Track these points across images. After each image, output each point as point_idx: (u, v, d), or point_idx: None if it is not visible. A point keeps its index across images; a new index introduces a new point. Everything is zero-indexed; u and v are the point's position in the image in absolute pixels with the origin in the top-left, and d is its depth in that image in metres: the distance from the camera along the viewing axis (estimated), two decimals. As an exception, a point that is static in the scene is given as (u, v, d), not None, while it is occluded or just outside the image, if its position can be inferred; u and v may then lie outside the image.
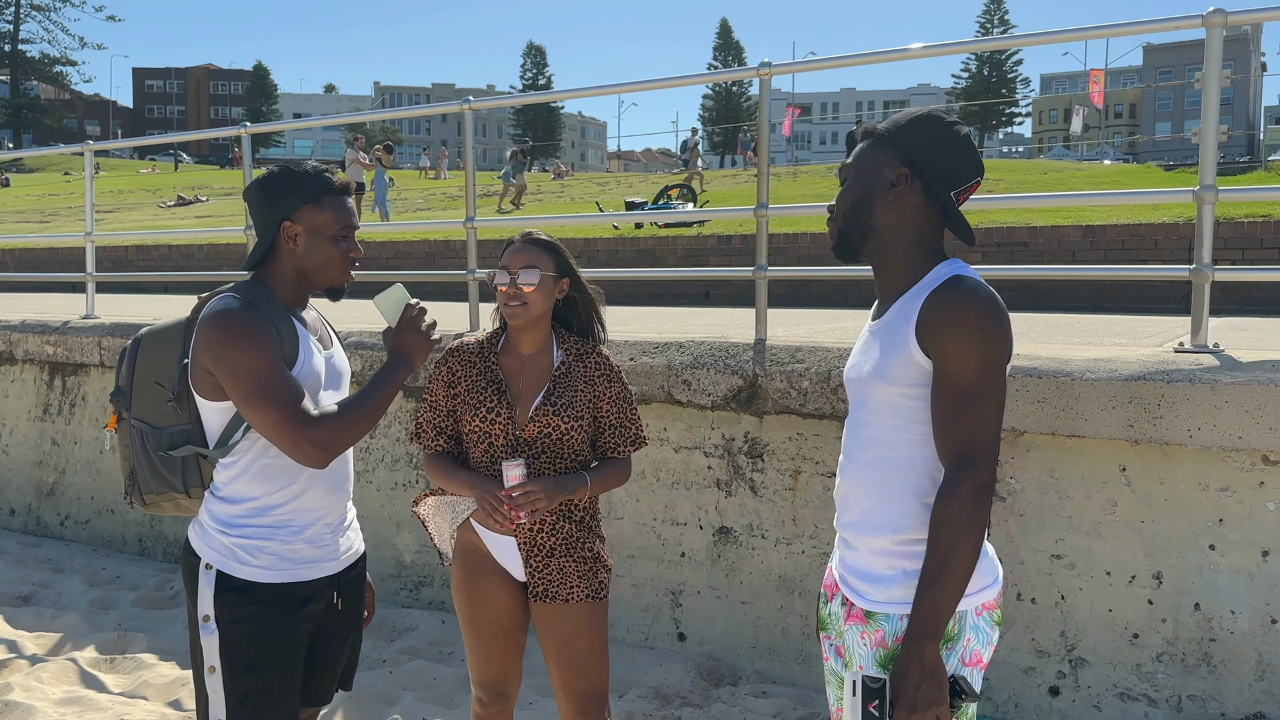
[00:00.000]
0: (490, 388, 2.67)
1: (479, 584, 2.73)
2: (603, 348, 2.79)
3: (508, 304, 2.64)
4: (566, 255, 2.73)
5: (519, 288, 2.62)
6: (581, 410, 2.68)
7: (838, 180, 2.13)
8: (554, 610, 2.69)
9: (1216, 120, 3.76)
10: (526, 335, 2.70)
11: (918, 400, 1.94)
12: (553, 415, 2.63)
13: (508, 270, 2.65)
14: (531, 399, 2.67)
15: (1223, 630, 3.48)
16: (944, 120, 2.01)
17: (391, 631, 4.92)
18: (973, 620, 1.95)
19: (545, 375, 2.69)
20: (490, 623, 2.73)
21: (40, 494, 6.96)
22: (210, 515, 2.33)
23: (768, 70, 4.57)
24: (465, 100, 5.46)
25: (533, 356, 2.71)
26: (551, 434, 2.64)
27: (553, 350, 2.73)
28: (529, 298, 2.63)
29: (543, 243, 2.70)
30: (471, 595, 2.74)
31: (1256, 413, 3.33)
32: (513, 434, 2.64)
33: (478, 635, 2.76)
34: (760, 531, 4.34)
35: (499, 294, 2.67)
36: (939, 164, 1.98)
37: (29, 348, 6.99)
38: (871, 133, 2.06)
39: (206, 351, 2.21)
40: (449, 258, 11.76)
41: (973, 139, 2.03)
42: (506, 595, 2.73)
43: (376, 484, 5.45)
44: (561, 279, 2.71)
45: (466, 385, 2.70)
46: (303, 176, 2.33)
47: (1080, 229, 8.66)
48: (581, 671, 2.70)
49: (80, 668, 4.47)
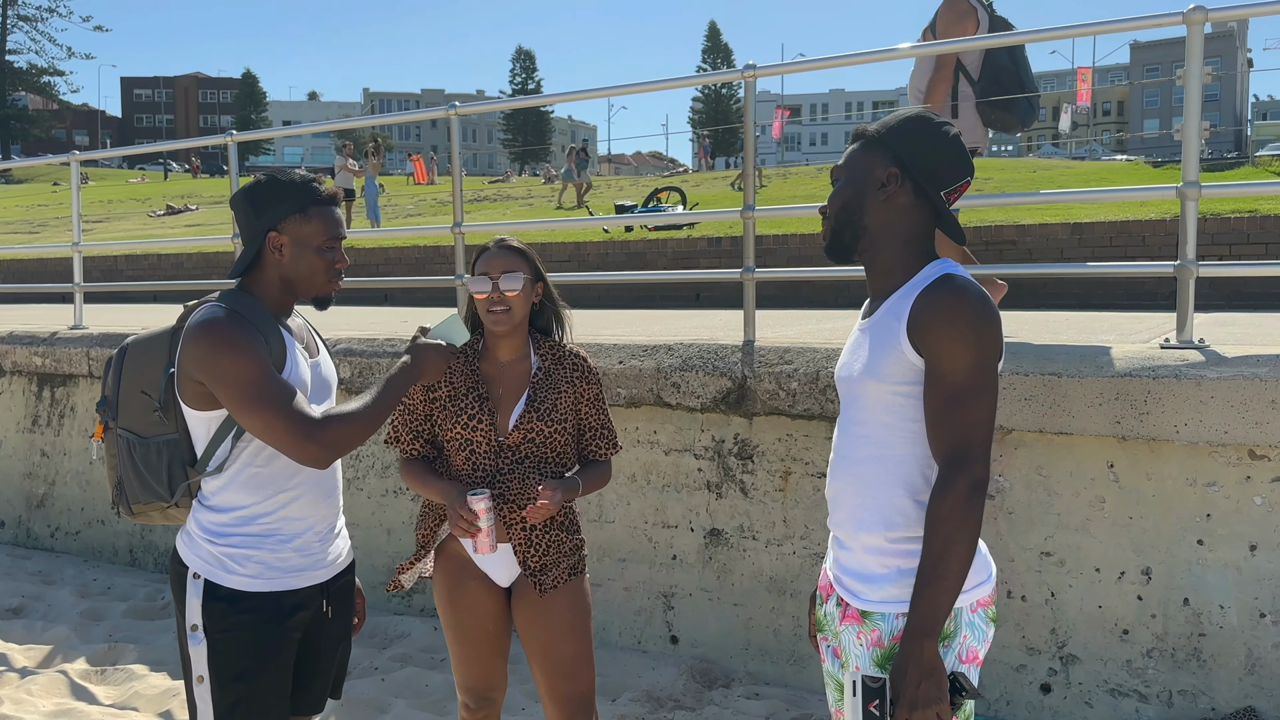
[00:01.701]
0: (471, 394, 2.66)
1: (461, 590, 2.73)
2: (578, 348, 2.79)
3: (490, 310, 2.62)
4: (536, 259, 2.74)
5: (502, 293, 2.61)
6: (565, 413, 2.68)
7: (829, 181, 2.15)
8: (536, 614, 2.69)
9: (1199, 117, 3.78)
10: (505, 341, 2.69)
11: (910, 398, 1.96)
12: (536, 420, 2.63)
13: (489, 276, 2.62)
14: (512, 405, 2.66)
15: (1212, 625, 3.49)
16: (933, 121, 2.03)
17: (383, 639, 4.91)
18: (968, 617, 1.96)
19: (524, 380, 2.69)
20: (473, 626, 2.73)
21: (30, 506, 6.94)
22: (198, 524, 2.33)
23: (753, 72, 4.58)
24: (452, 106, 5.46)
25: (511, 362, 2.71)
26: (535, 439, 2.64)
27: (530, 355, 2.72)
28: (512, 303, 2.61)
29: (518, 249, 2.70)
30: (454, 601, 2.74)
31: (1242, 407, 3.34)
32: (495, 440, 2.63)
33: (461, 640, 2.75)
34: (751, 533, 4.34)
35: (479, 301, 2.64)
36: (929, 164, 2.00)
37: (17, 359, 6.97)
38: (862, 134, 2.09)
39: (195, 362, 2.20)
40: (439, 263, 11.75)
41: (962, 139, 2.05)
42: (489, 599, 2.73)
43: (367, 491, 5.44)
44: (536, 283, 2.71)
45: (446, 391, 2.68)
46: (289, 186, 2.32)
47: (1068, 227, 8.68)
48: (566, 675, 2.70)
49: (71, 680, 4.45)
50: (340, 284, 2.41)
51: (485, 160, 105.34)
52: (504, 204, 24.41)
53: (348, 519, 4.98)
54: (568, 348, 2.76)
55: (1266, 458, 3.40)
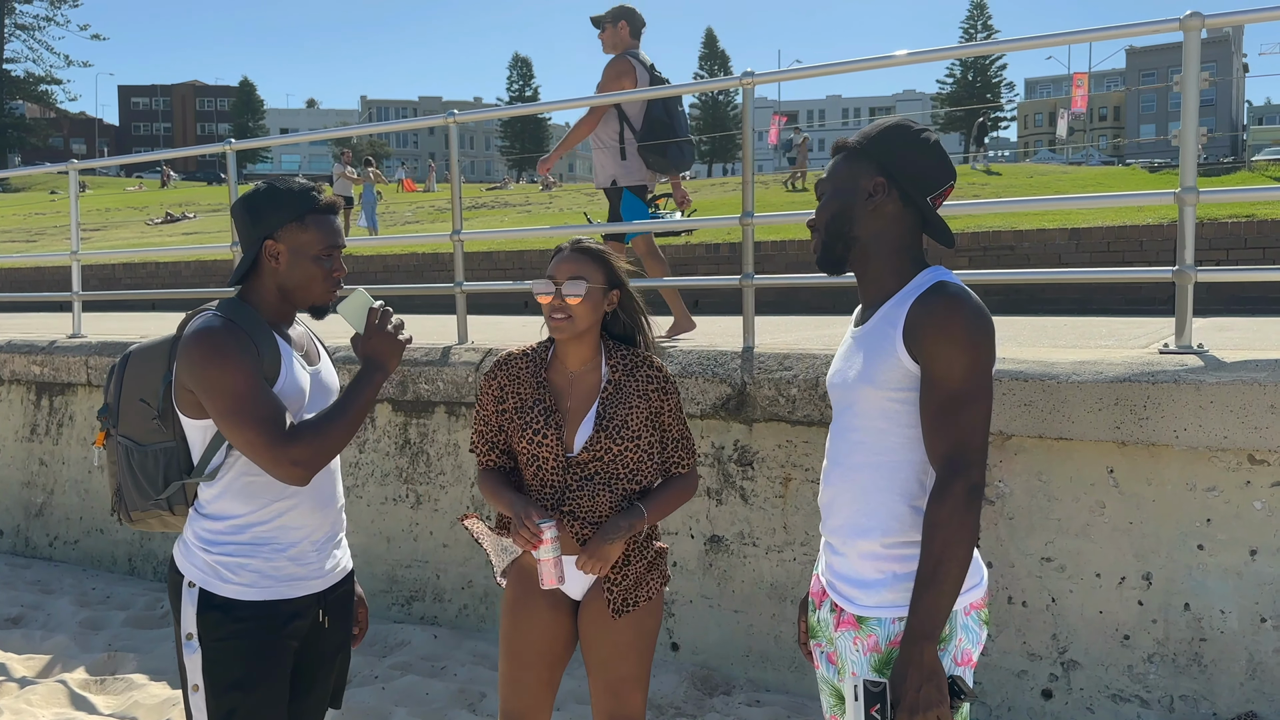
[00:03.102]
0: (537, 407, 2.55)
1: (526, 603, 2.63)
2: (654, 357, 2.65)
3: (552, 317, 2.50)
4: (617, 265, 2.59)
5: (563, 299, 2.49)
6: (637, 429, 2.54)
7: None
8: (601, 628, 2.59)
9: (1196, 122, 3.79)
10: (573, 350, 2.56)
11: (905, 404, 1.97)
12: (605, 439, 2.51)
13: (553, 280, 2.51)
14: (579, 419, 2.55)
15: (1213, 630, 3.49)
16: (913, 128, 2.06)
17: (383, 647, 4.90)
18: (962, 620, 1.98)
19: (594, 393, 2.56)
20: (530, 645, 2.62)
21: (29, 515, 6.92)
22: (194, 533, 2.32)
23: (750, 80, 4.59)
24: (450, 114, 5.46)
25: (580, 373, 2.58)
26: (603, 456, 2.52)
27: (601, 365, 2.59)
28: (574, 310, 2.49)
29: (592, 252, 2.56)
30: (517, 615, 2.63)
31: (1241, 412, 3.34)
32: (562, 456, 2.52)
33: (515, 659, 2.64)
34: (752, 539, 4.34)
35: (542, 305, 2.53)
36: (913, 171, 2.03)
37: (16, 368, 6.96)
38: (844, 146, 2.11)
39: (187, 370, 2.20)
40: (438, 270, 11.76)
41: (942, 144, 2.08)
42: (553, 617, 2.63)
43: (367, 499, 5.43)
44: (611, 291, 2.57)
45: (514, 403, 2.58)
46: (287, 194, 2.32)
47: (1066, 232, 8.70)
48: (616, 694, 2.60)
49: (70, 689, 4.44)
50: (337, 292, 2.41)
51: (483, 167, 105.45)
52: (502, 211, 24.45)
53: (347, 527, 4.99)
54: (643, 356, 2.62)
55: (1266, 462, 3.40)
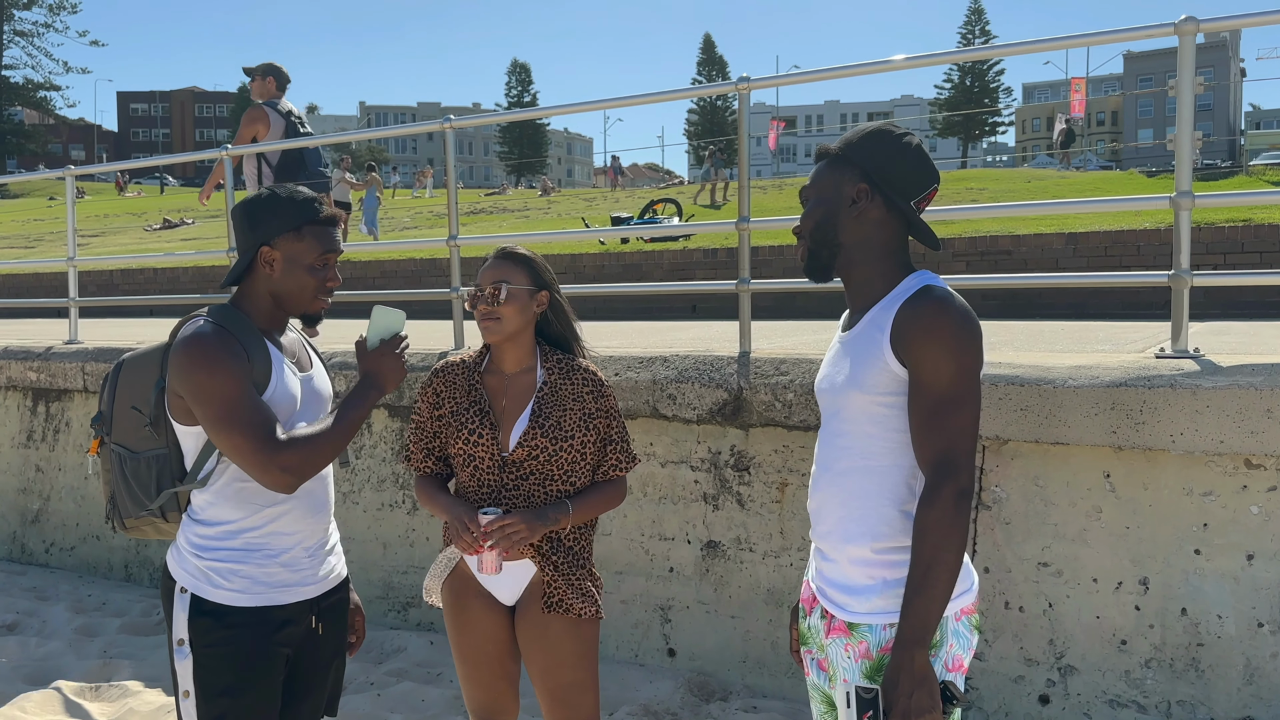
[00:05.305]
0: (473, 409, 2.63)
1: (463, 608, 2.70)
2: (588, 362, 2.72)
3: (482, 320, 2.61)
4: (542, 268, 2.68)
5: (490, 303, 2.59)
6: (571, 429, 2.61)
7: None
8: (538, 636, 2.63)
9: (1191, 127, 3.79)
10: (508, 353, 2.65)
11: (894, 409, 1.97)
12: (540, 436, 2.58)
13: (479, 286, 2.62)
14: (514, 418, 2.62)
15: (1210, 635, 3.48)
16: (894, 133, 2.06)
17: (379, 653, 4.88)
18: (953, 626, 1.98)
19: (529, 394, 2.64)
20: (475, 648, 2.70)
21: (25, 521, 6.91)
22: (186, 539, 2.32)
23: (746, 85, 4.59)
24: (447, 119, 5.47)
25: (516, 375, 2.66)
26: (539, 455, 2.58)
27: (537, 368, 2.67)
28: (500, 312, 2.58)
29: (516, 256, 2.66)
30: (456, 619, 2.71)
31: (1238, 416, 3.34)
32: (498, 456, 2.59)
33: (465, 660, 2.72)
34: (748, 545, 4.33)
35: (474, 310, 2.64)
36: (896, 176, 2.03)
37: (12, 374, 6.95)
38: (826, 153, 2.12)
39: (177, 376, 2.20)
40: (435, 276, 11.76)
41: (924, 148, 2.08)
42: (491, 620, 2.69)
43: (363, 505, 5.43)
44: (539, 293, 2.65)
45: (450, 406, 2.66)
46: (286, 202, 2.31)
47: (1063, 236, 8.69)
48: (565, 703, 2.64)
49: (65, 697, 4.42)
50: (329, 302, 2.41)
51: (481, 173, 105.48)
52: (500, 216, 24.46)
53: (343, 533, 4.96)
54: (579, 362, 2.70)
55: (1262, 467, 3.39)
